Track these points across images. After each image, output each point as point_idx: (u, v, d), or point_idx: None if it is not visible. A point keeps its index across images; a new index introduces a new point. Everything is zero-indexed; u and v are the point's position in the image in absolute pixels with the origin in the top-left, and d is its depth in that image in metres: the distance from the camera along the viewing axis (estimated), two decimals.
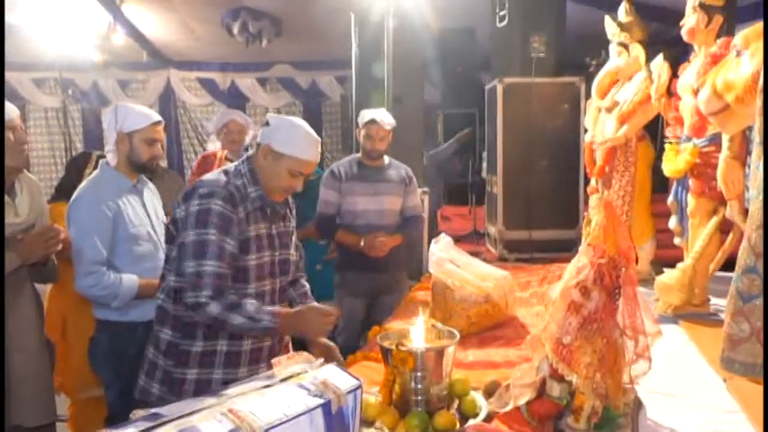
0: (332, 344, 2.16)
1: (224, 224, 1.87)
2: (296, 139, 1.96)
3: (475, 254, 3.22)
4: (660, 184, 3.52)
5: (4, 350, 2.05)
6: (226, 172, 1.99)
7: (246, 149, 3.62)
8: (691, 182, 2.89)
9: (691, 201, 2.91)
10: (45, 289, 2.98)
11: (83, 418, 2.93)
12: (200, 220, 1.85)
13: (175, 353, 1.96)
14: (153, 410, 1.04)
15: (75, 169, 3.03)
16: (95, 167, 2.65)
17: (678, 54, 3.86)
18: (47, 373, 2.34)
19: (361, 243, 3.18)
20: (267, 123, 2.00)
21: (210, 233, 1.84)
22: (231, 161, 2.97)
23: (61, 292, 2.87)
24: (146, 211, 2.41)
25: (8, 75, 7.46)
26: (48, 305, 2.95)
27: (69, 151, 6.98)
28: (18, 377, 2.16)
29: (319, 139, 2.04)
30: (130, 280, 2.27)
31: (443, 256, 2.76)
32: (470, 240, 6.02)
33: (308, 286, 2.30)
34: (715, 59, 2.59)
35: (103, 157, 2.49)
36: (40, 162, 7.89)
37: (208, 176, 1.98)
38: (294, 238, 2.19)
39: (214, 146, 4.11)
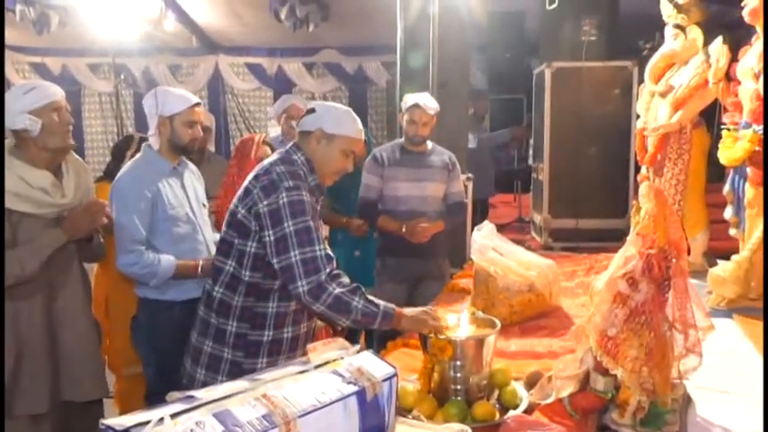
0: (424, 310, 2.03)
1: (314, 213, 1.94)
2: (344, 119, 2.03)
3: (519, 242, 3.16)
4: (715, 174, 3.39)
5: (5, 343, 2.10)
6: (285, 162, 1.98)
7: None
8: (749, 170, 2.76)
9: (749, 190, 2.78)
10: (91, 269, 3.08)
11: (128, 394, 3.01)
12: (296, 210, 1.87)
13: (244, 344, 1.97)
14: (189, 393, 1.05)
15: (119, 152, 3.11)
16: (137, 149, 2.70)
17: (739, 37, 3.68)
18: (96, 350, 2.41)
19: (403, 229, 3.15)
20: (312, 111, 2.04)
21: (309, 220, 1.88)
22: (270, 146, 2.97)
23: (105, 271, 2.95)
24: (185, 194, 2.44)
25: (66, 60, 7.71)
26: (93, 285, 3.05)
27: (121, 135, 7.15)
28: (68, 354, 2.23)
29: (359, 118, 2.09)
30: (168, 260, 2.31)
31: (486, 243, 2.71)
32: (515, 228, 5.93)
33: None
34: None
35: (145, 139, 2.53)
36: (94, 145, 8.12)
37: (279, 168, 1.93)
38: None
39: (275, 131, 4.15)
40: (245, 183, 1.99)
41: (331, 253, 1.91)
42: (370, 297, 1.89)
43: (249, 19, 6.91)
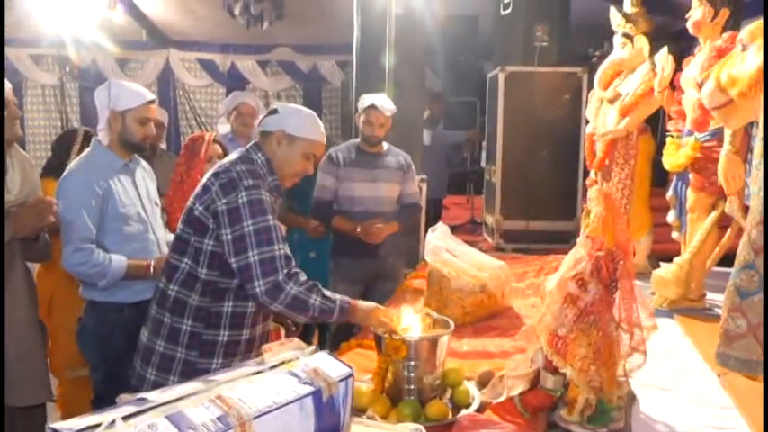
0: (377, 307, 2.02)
1: (273, 212, 1.91)
2: (307, 122, 2.03)
3: (472, 243, 3.20)
4: (659, 178, 3.51)
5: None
6: (244, 161, 1.95)
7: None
8: (691, 176, 2.87)
9: (690, 195, 2.90)
10: (33, 269, 2.96)
11: (71, 398, 2.90)
12: (256, 209, 1.85)
13: (199, 343, 1.94)
14: (139, 395, 1.02)
15: (62, 147, 2.97)
16: (83, 144, 2.61)
17: (683, 47, 3.83)
18: (39, 353, 2.32)
19: (358, 230, 3.15)
20: (274, 112, 2.03)
21: (270, 219, 1.86)
22: (220, 144, 2.92)
23: (48, 270, 2.84)
24: (137, 192, 2.37)
25: (7, 50, 7.38)
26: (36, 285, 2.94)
27: (65, 129, 6.93)
28: (8, 356, 2.14)
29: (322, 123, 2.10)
30: (119, 260, 2.24)
31: (440, 244, 2.74)
32: (467, 230, 6.01)
33: None
34: (720, 53, 2.56)
35: (90, 133, 2.44)
36: (36, 140, 7.82)
37: (240, 167, 1.91)
38: None
39: (224, 128, 4.07)
40: (204, 180, 1.96)
41: (290, 253, 1.90)
42: (327, 293, 1.89)
43: (202, 14, 6.79)
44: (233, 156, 2.01)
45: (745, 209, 2.34)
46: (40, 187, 2.31)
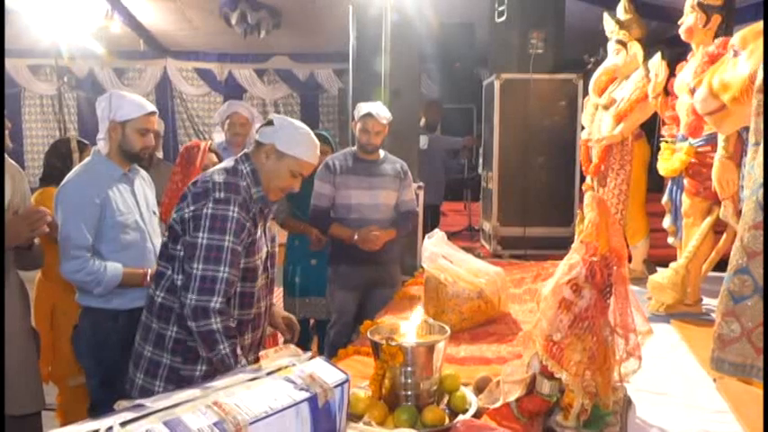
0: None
1: (239, 231, 1.88)
2: (300, 140, 1.99)
3: (469, 250, 3.21)
4: (655, 184, 3.53)
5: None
6: (228, 171, 1.96)
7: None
8: (686, 181, 2.88)
9: (685, 200, 2.91)
10: (34, 277, 2.96)
11: (71, 406, 2.91)
12: (218, 225, 1.84)
13: (183, 350, 1.94)
14: (137, 402, 1.03)
15: (58, 155, 2.97)
16: (79, 152, 2.62)
17: (676, 53, 3.86)
18: (32, 362, 2.32)
19: (355, 237, 3.17)
20: (270, 123, 2.01)
21: (227, 240, 1.84)
22: (216, 153, 2.94)
23: (50, 279, 2.85)
24: (135, 200, 2.39)
25: (5, 61, 7.41)
26: (36, 293, 2.93)
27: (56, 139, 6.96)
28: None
29: (318, 143, 2.06)
30: (115, 268, 2.26)
31: (437, 251, 2.75)
32: (465, 236, 6.02)
33: None
34: (712, 59, 2.58)
35: (82, 142, 2.45)
36: (35, 149, 7.86)
37: (218, 178, 1.91)
38: None
39: (220, 137, 4.09)
40: (186, 188, 1.97)
41: (234, 280, 1.87)
42: (239, 351, 1.87)
43: (199, 23, 6.83)
44: (222, 164, 2.02)
45: (740, 213, 2.35)
46: (30, 196, 2.31)
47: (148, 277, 2.29)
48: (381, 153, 3.36)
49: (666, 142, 3.06)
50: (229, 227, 1.84)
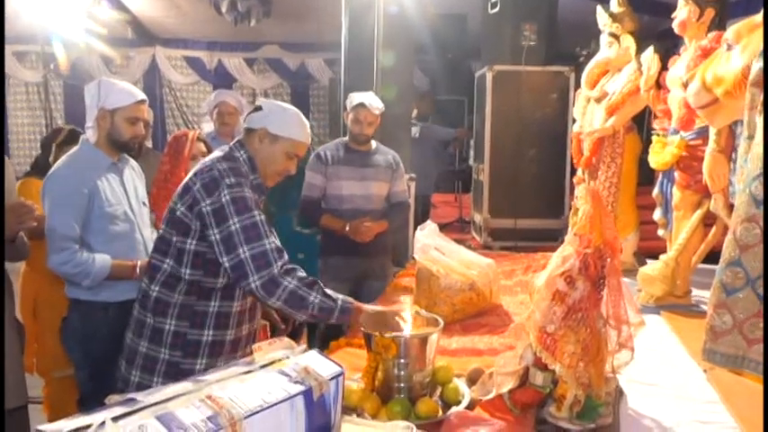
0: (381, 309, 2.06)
1: (258, 207, 1.90)
2: (291, 121, 2.00)
3: (460, 241, 3.21)
4: (646, 177, 3.54)
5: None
6: (227, 158, 1.94)
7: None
8: (677, 174, 2.90)
9: (676, 193, 2.92)
10: (19, 269, 2.93)
11: (57, 398, 2.88)
12: (242, 206, 1.83)
13: (183, 343, 1.92)
14: (129, 395, 1.02)
15: (48, 145, 2.96)
16: (66, 141, 2.57)
17: (669, 47, 3.87)
18: (16, 355, 2.27)
19: (347, 228, 3.15)
20: (258, 109, 2.01)
21: (256, 215, 1.85)
22: (205, 142, 2.90)
23: (34, 270, 2.82)
24: (124, 191, 2.35)
25: None
26: (21, 284, 2.90)
27: (50, 127, 6.84)
28: None
29: (308, 123, 2.07)
30: (103, 260, 2.22)
31: (428, 242, 2.75)
32: (455, 228, 6.03)
33: None
34: (705, 53, 2.58)
35: (75, 130, 2.40)
36: (20, 138, 7.76)
37: (222, 165, 1.89)
38: None
39: (209, 126, 4.05)
40: (185, 180, 1.94)
41: (281, 246, 1.88)
42: (328, 291, 1.88)
43: (188, 10, 6.76)
44: (216, 153, 2.00)
45: (730, 206, 2.37)
46: (16, 188, 2.27)
47: (138, 269, 2.25)
48: (373, 144, 3.34)
49: (658, 135, 3.07)
50: (250, 204, 1.85)
